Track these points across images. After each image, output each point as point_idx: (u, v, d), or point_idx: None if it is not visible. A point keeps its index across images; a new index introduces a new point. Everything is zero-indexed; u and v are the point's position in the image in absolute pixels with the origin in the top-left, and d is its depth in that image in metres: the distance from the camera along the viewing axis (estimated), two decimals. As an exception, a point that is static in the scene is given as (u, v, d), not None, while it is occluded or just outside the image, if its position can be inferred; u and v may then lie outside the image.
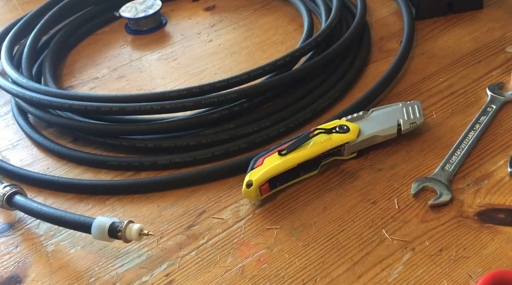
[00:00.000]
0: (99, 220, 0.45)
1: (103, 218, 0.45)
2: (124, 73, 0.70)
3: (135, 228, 0.44)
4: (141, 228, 0.44)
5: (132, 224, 0.44)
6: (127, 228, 0.44)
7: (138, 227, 0.44)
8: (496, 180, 0.48)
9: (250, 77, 0.58)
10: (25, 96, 0.59)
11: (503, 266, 0.42)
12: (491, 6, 0.70)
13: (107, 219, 0.45)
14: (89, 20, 0.78)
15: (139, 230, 0.44)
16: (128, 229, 0.44)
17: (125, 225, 0.44)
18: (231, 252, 0.46)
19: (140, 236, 0.44)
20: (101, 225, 0.45)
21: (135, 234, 0.44)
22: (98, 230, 0.45)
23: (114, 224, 0.45)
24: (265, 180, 0.48)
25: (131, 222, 0.45)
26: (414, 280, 0.42)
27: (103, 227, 0.44)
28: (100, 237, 0.45)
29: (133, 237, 0.44)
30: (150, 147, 0.55)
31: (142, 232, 0.44)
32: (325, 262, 0.44)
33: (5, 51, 0.69)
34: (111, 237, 0.45)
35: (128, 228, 0.44)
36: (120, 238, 0.44)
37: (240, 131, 0.55)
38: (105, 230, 0.44)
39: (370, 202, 0.48)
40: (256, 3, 0.79)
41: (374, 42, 0.67)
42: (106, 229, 0.44)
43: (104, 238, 0.45)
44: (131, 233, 0.44)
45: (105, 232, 0.44)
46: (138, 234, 0.44)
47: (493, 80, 0.59)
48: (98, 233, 0.45)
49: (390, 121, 0.52)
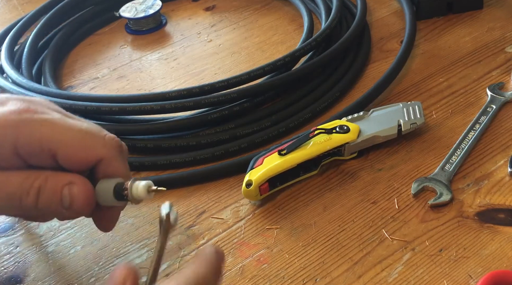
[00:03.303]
0: (102, 182, 0.41)
1: (106, 180, 0.41)
2: (124, 73, 0.70)
3: (143, 185, 0.39)
4: (149, 185, 0.40)
5: (139, 181, 0.40)
6: (133, 186, 0.40)
7: (145, 183, 0.40)
8: (496, 180, 0.48)
9: (250, 77, 0.58)
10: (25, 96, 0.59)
11: (503, 266, 0.42)
12: (491, 6, 0.70)
13: (111, 180, 0.41)
14: (89, 20, 0.78)
15: (147, 186, 0.39)
16: (135, 186, 0.39)
17: (131, 182, 0.40)
18: (231, 252, 0.46)
19: (150, 193, 0.40)
20: (105, 187, 0.40)
21: (143, 191, 0.39)
22: (103, 192, 0.40)
23: (119, 184, 0.40)
24: (265, 179, 0.48)
25: (137, 180, 0.40)
26: (414, 280, 0.42)
27: (108, 189, 0.40)
28: (106, 201, 0.40)
29: (141, 195, 0.39)
30: (150, 147, 0.55)
31: (150, 188, 0.40)
32: (325, 262, 0.44)
33: (5, 51, 0.69)
34: (118, 199, 0.40)
35: (135, 186, 0.39)
36: (127, 198, 0.40)
37: (240, 131, 0.55)
38: (110, 192, 0.40)
39: (370, 202, 0.48)
40: (256, 3, 0.79)
41: (374, 42, 0.67)
42: (111, 190, 0.40)
43: (111, 201, 0.40)
44: (139, 191, 0.39)
45: (110, 194, 0.40)
46: (147, 191, 0.39)
47: (493, 80, 0.59)
48: (103, 197, 0.40)
49: (391, 121, 0.52)
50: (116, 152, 0.41)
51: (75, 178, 0.39)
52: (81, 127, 0.40)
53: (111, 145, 0.40)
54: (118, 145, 0.41)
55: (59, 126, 0.39)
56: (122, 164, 0.41)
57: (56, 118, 0.39)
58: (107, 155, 0.40)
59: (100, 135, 0.40)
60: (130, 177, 0.41)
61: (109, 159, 0.40)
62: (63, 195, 0.38)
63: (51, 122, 0.39)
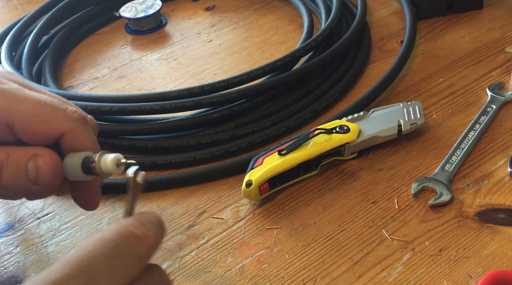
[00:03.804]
0: (69, 156, 0.38)
1: (74, 154, 0.38)
2: (124, 73, 0.70)
3: (111, 158, 0.37)
4: (118, 158, 0.37)
5: (107, 154, 0.37)
6: (101, 159, 0.37)
7: (114, 156, 0.37)
8: (496, 180, 0.48)
9: (250, 77, 0.58)
10: (25, 96, 0.59)
11: (503, 266, 0.42)
12: (491, 6, 0.70)
13: (79, 154, 0.38)
14: (89, 20, 0.78)
15: (115, 159, 0.37)
16: (103, 160, 0.37)
17: (99, 155, 0.37)
18: (231, 252, 0.46)
19: (119, 166, 0.37)
20: (73, 161, 0.38)
21: (111, 165, 0.37)
22: (70, 166, 0.38)
23: (87, 158, 0.38)
24: (265, 179, 0.48)
25: (105, 153, 0.38)
26: (414, 280, 0.42)
27: (75, 163, 0.38)
28: (75, 175, 0.38)
29: (109, 168, 0.37)
30: (150, 147, 0.55)
31: (120, 161, 0.37)
32: (325, 262, 0.44)
33: (5, 51, 0.69)
34: (86, 173, 0.38)
35: (103, 159, 0.37)
36: (95, 172, 0.37)
37: (240, 131, 0.55)
38: (78, 166, 0.38)
39: (370, 202, 0.48)
40: (256, 3, 0.79)
41: (374, 42, 0.67)
42: (79, 164, 0.38)
43: (79, 175, 0.38)
44: (107, 164, 0.37)
45: (78, 168, 0.38)
46: (116, 164, 0.37)
47: (493, 80, 0.59)
48: (71, 171, 0.38)
49: (391, 121, 0.52)
50: (79, 124, 0.39)
51: (39, 150, 0.37)
52: (40, 99, 0.38)
53: (72, 117, 0.39)
54: (80, 117, 0.39)
55: (16, 96, 0.37)
56: (87, 137, 0.39)
57: (13, 89, 0.38)
58: (69, 128, 0.38)
59: (60, 108, 0.39)
60: (99, 150, 0.39)
61: (72, 132, 0.38)
62: (28, 169, 0.37)
63: (7, 92, 0.37)
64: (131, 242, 0.29)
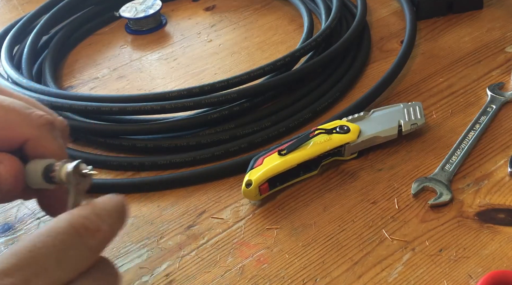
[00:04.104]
0: (32, 162, 0.36)
1: (37, 160, 0.36)
2: (124, 73, 0.70)
3: (71, 167, 0.34)
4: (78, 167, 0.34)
5: (69, 163, 0.34)
6: (62, 168, 0.35)
7: (73, 164, 0.34)
8: (496, 180, 0.48)
9: (250, 77, 0.58)
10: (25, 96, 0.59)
11: (503, 266, 0.42)
12: (491, 6, 0.70)
13: (42, 160, 0.36)
14: (89, 20, 0.78)
15: (74, 168, 0.34)
16: (64, 168, 0.34)
17: (61, 164, 0.35)
18: (231, 252, 0.46)
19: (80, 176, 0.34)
20: (35, 168, 0.36)
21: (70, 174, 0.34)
22: (32, 173, 0.36)
23: (49, 166, 0.35)
24: (265, 179, 0.48)
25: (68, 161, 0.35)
26: (414, 280, 0.42)
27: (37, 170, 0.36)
28: (36, 183, 0.36)
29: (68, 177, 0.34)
30: (150, 147, 0.55)
31: (80, 171, 0.34)
32: (325, 262, 0.44)
33: (5, 51, 0.69)
34: (48, 181, 0.35)
35: (64, 168, 0.34)
36: (55, 181, 0.35)
37: (240, 131, 0.55)
38: (39, 173, 0.35)
39: (370, 202, 0.48)
40: (256, 3, 0.79)
41: (374, 42, 0.67)
42: (40, 171, 0.35)
43: (40, 183, 0.36)
44: (66, 173, 0.34)
45: (39, 176, 0.35)
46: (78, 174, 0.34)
47: (493, 80, 0.59)
48: (33, 178, 0.36)
49: (391, 122, 0.52)
50: (44, 130, 0.37)
51: (1, 156, 0.35)
52: (3, 103, 0.36)
53: (37, 123, 0.37)
54: (46, 122, 0.37)
55: None
56: (52, 143, 0.37)
57: None
58: (33, 135, 0.36)
59: (24, 113, 0.36)
60: (65, 156, 0.37)
61: (36, 139, 0.36)
62: None
63: None
64: (83, 235, 0.29)
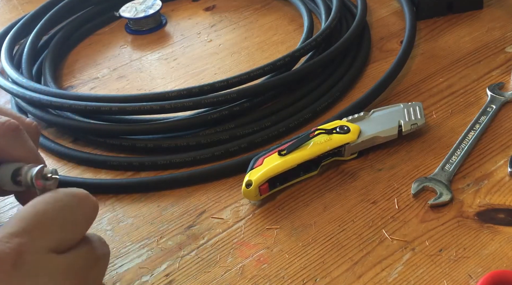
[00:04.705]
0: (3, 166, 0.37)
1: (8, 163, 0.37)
2: (124, 73, 0.70)
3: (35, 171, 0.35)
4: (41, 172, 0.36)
5: (34, 168, 0.36)
6: (28, 172, 0.36)
7: (37, 169, 0.35)
8: (496, 180, 0.48)
9: (250, 77, 0.58)
10: (25, 96, 0.59)
11: (503, 266, 0.42)
12: (491, 6, 0.70)
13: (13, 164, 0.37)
14: (89, 20, 0.78)
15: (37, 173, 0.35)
16: (29, 173, 0.36)
17: (28, 168, 0.36)
18: (231, 252, 0.46)
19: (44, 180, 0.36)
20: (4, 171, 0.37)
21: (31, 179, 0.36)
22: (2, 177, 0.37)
23: (16, 170, 0.37)
24: (265, 179, 0.48)
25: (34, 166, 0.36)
26: (414, 280, 0.42)
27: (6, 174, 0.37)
28: (7, 185, 0.37)
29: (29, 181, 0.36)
30: (150, 147, 0.55)
31: (45, 175, 0.36)
32: (325, 262, 0.44)
33: (5, 51, 0.69)
34: (17, 185, 0.37)
35: (29, 172, 0.36)
36: (21, 184, 0.36)
37: (240, 131, 0.55)
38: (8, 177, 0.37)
39: (370, 202, 0.48)
40: (256, 3, 0.79)
41: (374, 42, 0.67)
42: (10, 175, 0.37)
43: (10, 186, 0.37)
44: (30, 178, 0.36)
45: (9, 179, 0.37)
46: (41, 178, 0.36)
47: (493, 80, 0.59)
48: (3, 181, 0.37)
49: (391, 122, 0.52)
50: (9, 137, 0.37)
51: None
52: None
53: (1, 130, 0.37)
54: (9, 129, 0.37)
55: None
56: (19, 149, 0.38)
57: None
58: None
59: None
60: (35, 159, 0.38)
61: (1, 146, 0.37)
62: None
63: None
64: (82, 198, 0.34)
